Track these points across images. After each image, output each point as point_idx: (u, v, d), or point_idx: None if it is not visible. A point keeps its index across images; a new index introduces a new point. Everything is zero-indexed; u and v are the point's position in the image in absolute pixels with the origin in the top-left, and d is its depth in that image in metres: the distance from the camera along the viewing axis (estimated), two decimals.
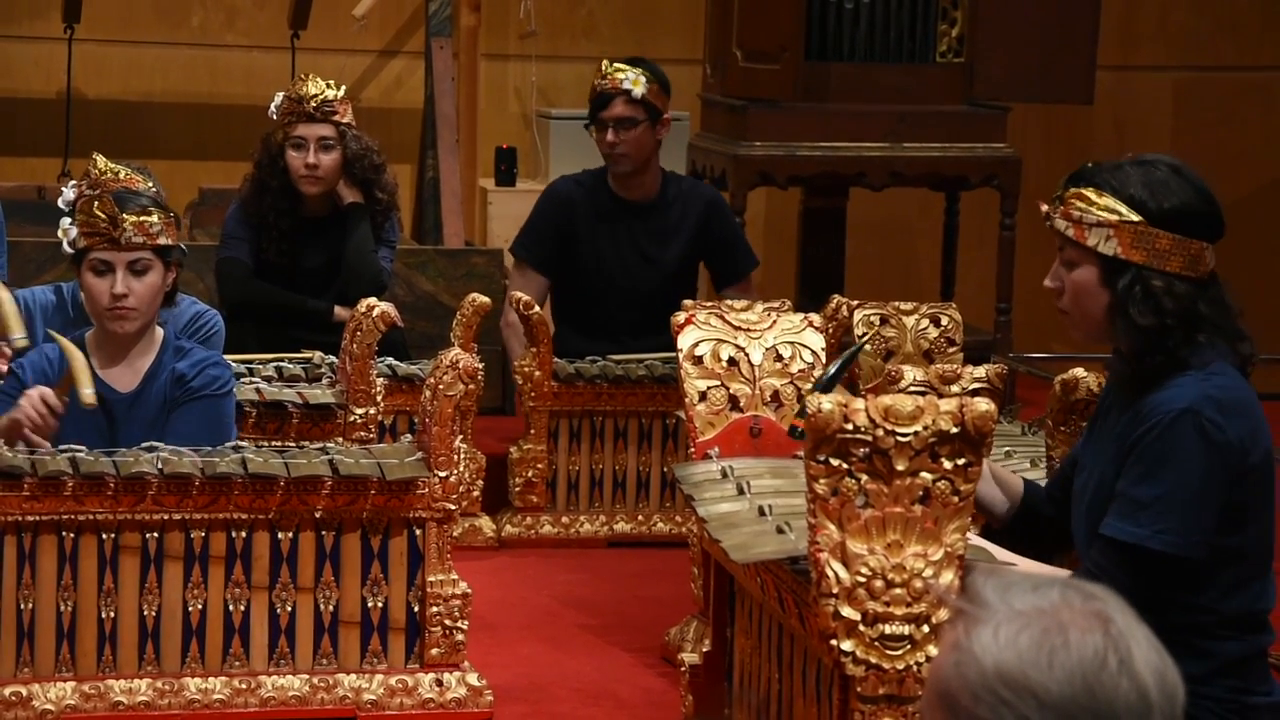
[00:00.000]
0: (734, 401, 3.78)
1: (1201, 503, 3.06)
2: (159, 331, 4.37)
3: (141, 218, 4.24)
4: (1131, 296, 3.11)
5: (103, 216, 4.23)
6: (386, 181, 5.85)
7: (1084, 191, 3.15)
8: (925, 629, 2.89)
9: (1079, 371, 3.69)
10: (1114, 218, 3.12)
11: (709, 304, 4.04)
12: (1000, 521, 3.40)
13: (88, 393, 4.13)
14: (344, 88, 5.86)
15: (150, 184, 4.68)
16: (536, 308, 5.64)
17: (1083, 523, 3.21)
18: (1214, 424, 3.05)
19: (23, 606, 3.98)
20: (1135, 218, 3.11)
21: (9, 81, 8.04)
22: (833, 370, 3.59)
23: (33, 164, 7.89)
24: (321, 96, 5.77)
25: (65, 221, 4.30)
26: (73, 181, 4.79)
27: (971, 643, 1.60)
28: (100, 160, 4.71)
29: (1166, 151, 3.40)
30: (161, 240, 4.26)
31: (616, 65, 6.00)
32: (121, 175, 4.66)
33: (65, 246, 4.28)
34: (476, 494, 5.56)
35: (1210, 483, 3.05)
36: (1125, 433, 3.13)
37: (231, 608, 4.07)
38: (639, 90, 5.93)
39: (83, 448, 4.04)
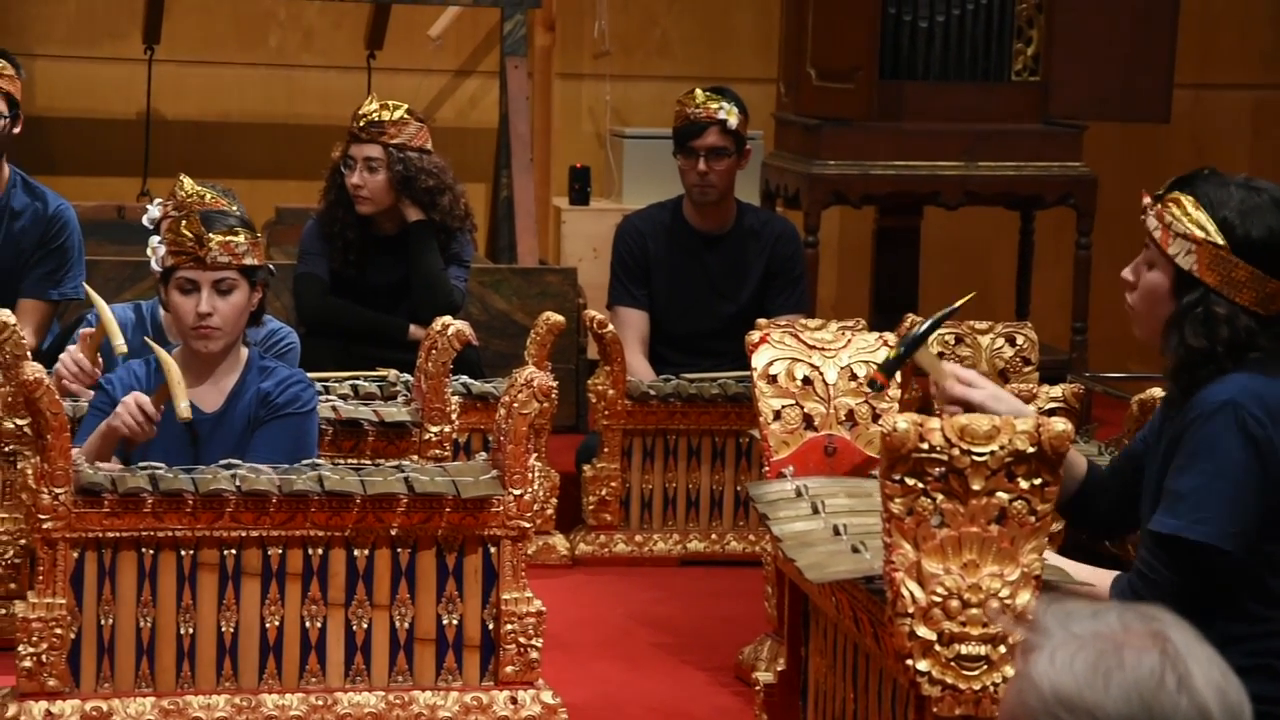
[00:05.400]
0: (808, 420, 3.77)
1: (1238, 495, 3.04)
2: (244, 351, 4.39)
3: (228, 238, 4.28)
4: (1192, 315, 3.11)
5: (189, 236, 4.27)
6: (447, 202, 5.81)
7: (1183, 198, 3.14)
8: (1002, 649, 2.88)
9: (1156, 391, 3.68)
10: (1200, 234, 3.10)
11: (783, 323, 4.05)
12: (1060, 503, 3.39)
13: (184, 406, 4.14)
14: (403, 108, 5.81)
15: (235, 206, 4.72)
16: (610, 326, 5.65)
17: (1145, 523, 3.22)
18: (1255, 419, 3.05)
19: (103, 622, 4.01)
20: (1220, 240, 3.10)
21: (90, 102, 8.12)
22: (903, 350, 3.58)
23: (113, 183, 7.97)
24: (369, 118, 5.78)
25: (154, 239, 4.35)
26: (159, 200, 4.83)
27: (1030, 669, 1.62)
28: (187, 182, 4.75)
29: (1243, 170, 3.37)
30: (247, 260, 4.30)
31: (709, 94, 5.96)
32: (207, 198, 4.70)
33: (153, 265, 4.33)
34: (550, 512, 5.57)
35: (1247, 477, 3.04)
36: (1175, 432, 3.14)
37: (308, 624, 4.09)
38: (733, 121, 5.91)
39: (162, 465, 4.07)
